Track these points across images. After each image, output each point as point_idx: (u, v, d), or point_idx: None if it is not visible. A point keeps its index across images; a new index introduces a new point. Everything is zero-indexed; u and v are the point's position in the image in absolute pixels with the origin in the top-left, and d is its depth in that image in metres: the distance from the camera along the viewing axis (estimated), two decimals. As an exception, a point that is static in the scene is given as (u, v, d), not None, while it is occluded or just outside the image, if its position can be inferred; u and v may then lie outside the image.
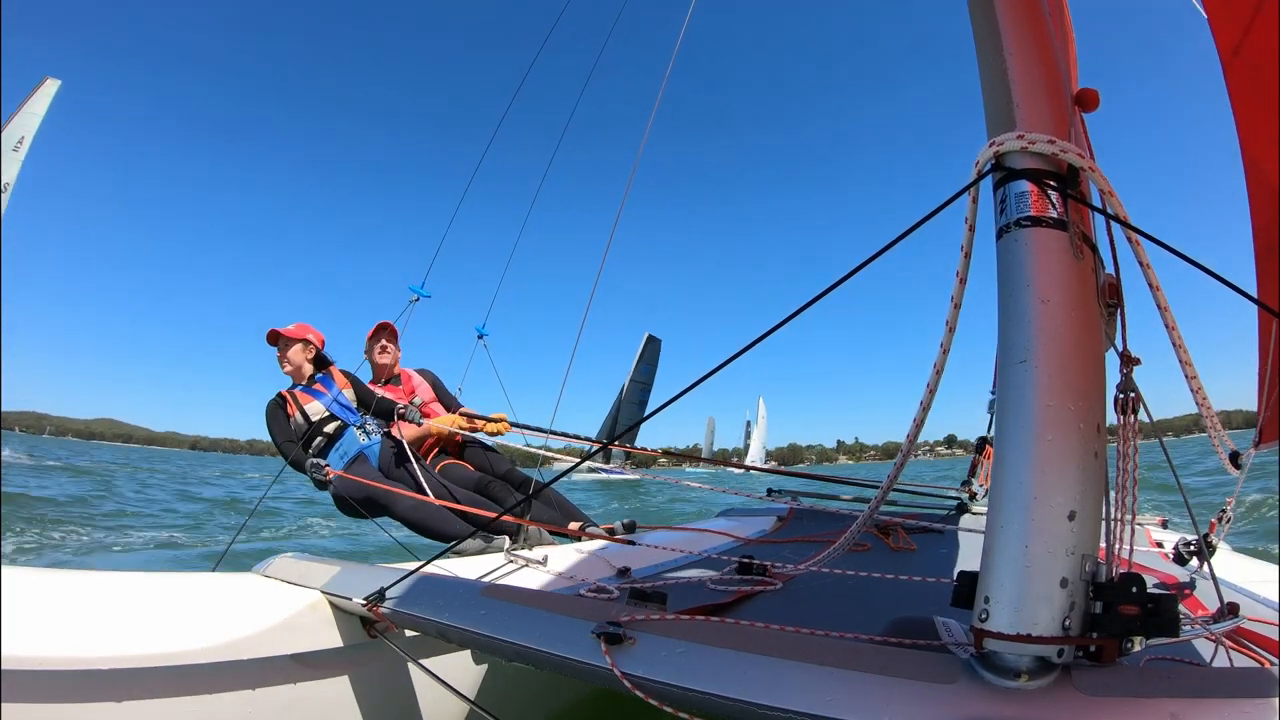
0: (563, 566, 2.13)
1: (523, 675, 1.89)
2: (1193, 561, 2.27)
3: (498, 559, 2.20)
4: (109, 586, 1.39)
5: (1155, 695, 0.73)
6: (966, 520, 3.49)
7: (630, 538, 2.69)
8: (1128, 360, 1.02)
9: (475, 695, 1.48)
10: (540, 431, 3.16)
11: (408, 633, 1.60)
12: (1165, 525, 3.78)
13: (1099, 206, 0.96)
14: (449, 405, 3.46)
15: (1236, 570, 2.36)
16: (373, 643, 1.58)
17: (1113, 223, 0.99)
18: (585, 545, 2.55)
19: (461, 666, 1.77)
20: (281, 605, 1.50)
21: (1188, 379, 1.04)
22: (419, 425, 3.03)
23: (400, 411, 3.01)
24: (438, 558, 1.94)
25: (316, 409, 2.91)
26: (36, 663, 1.15)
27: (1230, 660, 1.21)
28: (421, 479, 2.80)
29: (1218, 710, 0.70)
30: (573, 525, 2.91)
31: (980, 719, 0.75)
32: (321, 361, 3.08)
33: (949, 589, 0.87)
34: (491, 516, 2.44)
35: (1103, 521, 0.85)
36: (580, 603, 1.25)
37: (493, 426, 3.24)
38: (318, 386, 2.98)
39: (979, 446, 4.29)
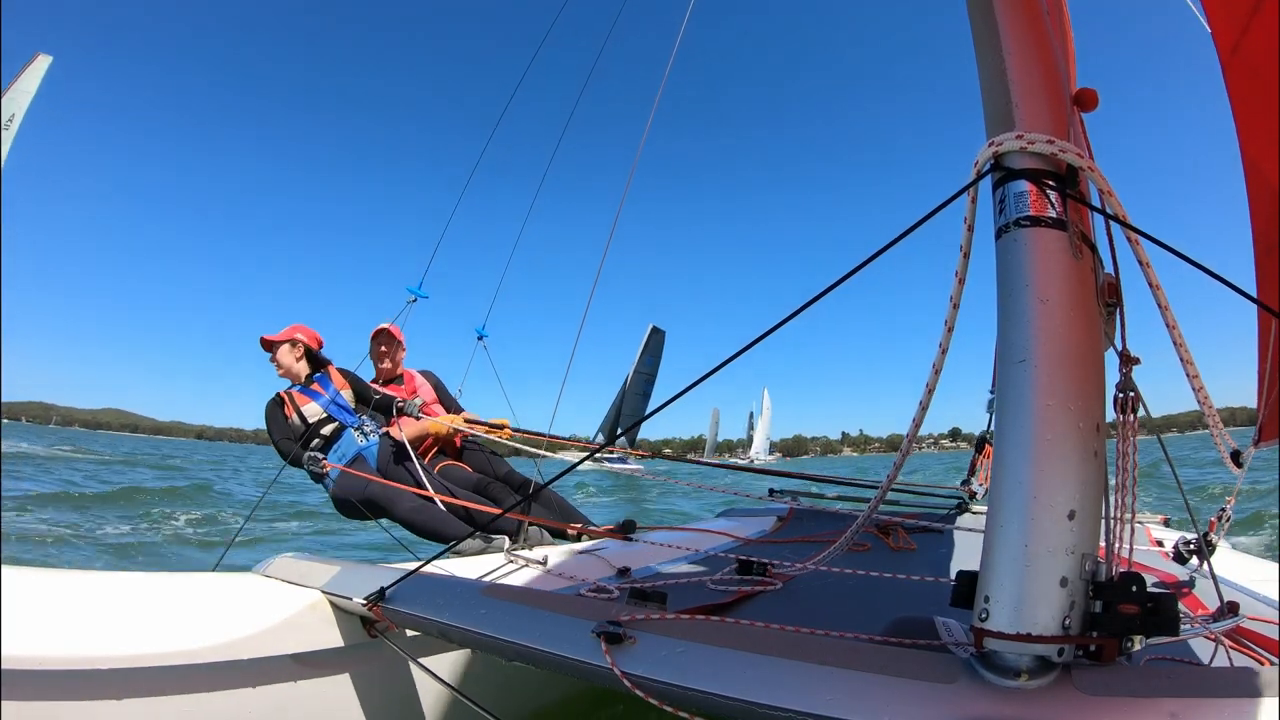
0: (563, 566, 2.13)
1: (523, 675, 1.89)
2: (1193, 560, 2.27)
3: (498, 559, 2.20)
4: (109, 586, 1.39)
5: (1155, 694, 0.73)
6: (966, 520, 3.50)
7: (630, 538, 2.69)
8: (1127, 360, 1.02)
9: (475, 695, 1.48)
10: (541, 437, 3.17)
11: (408, 632, 1.60)
12: (1168, 524, 3.78)
13: (1098, 206, 0.96)
14: (450, 408, 3.46)
15: (1237, 569, 2.36)
16: (373, 642, 1.58)
17: (1112, 222, 0.99)
18: (585, 545, 2.55)
19: (462, 666, 1.77)
20: (282, 605, 1.50)
21: (1189, 378, 1.04)
22: (418, 419, 3.02)
23: (399, 405, 3.00)
24: (437, 558, 1.94)
25: (314, 410, 2.90)
26: (36, 662, 1.15)
27: (1230, 659, 1.21)
28: (422, 477, 2.79)
29: (1218, 710, 0.70)
30: (572, 525, 2.91)
31: (980, 718, 0.75)
32: (319, 361, 3.07)
33: (949, 589, 0.87)
34: (493, 514, 2.44)
35: (1102, 520, 0.85)
36: (580, 602, 1.25)
37: (494, 434, 3.24)
38: (315, 387, 2.97)
39: (979, 446, 4.30)
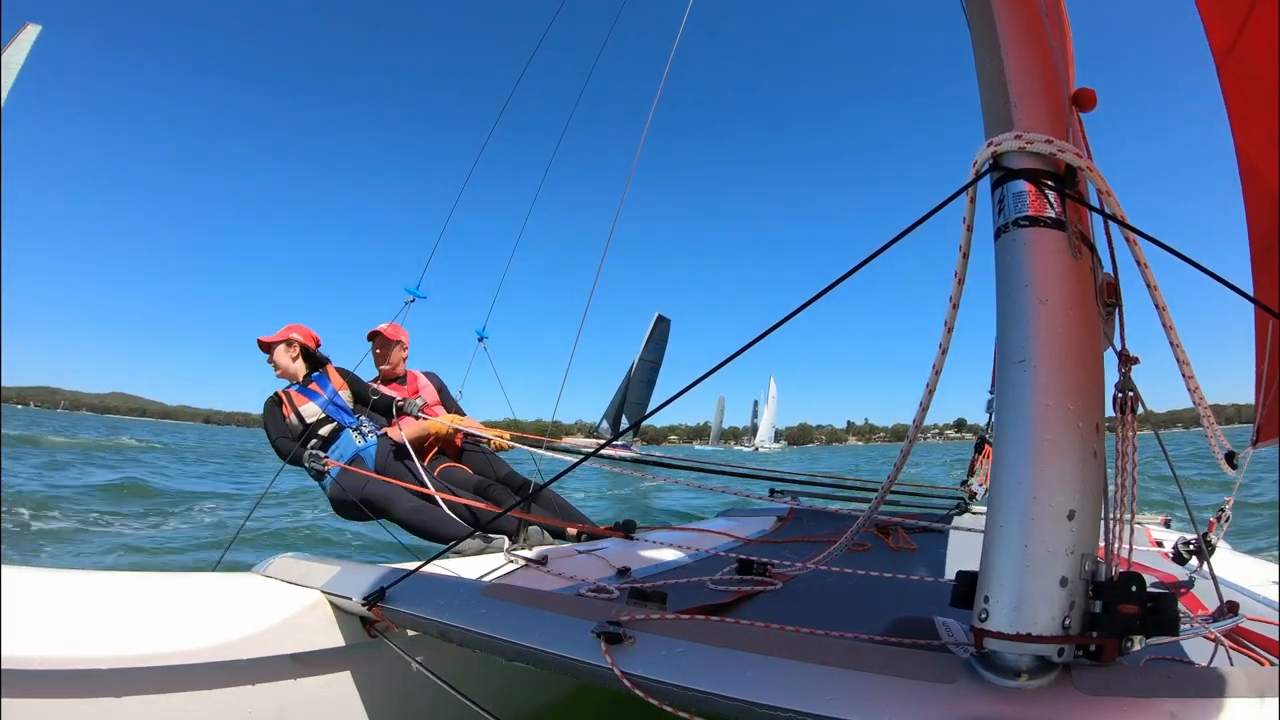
0: (562, 566, 2.13)
1: (523, 675, 1.89)
2: (1192, 561, 2.28)
3: (497, 559, 2.20)
4: (109, 586, 1.39)
5: (1155, 694, 0.73)
6: (966, 520, 3.50)
7: (630, 538, 2.69)
8: (1126, 359, 1.02)
9: (475, 695, 1.48)
10: (541, 439, 3.18)
11: (408, 632, 1.60)
12: (1168, 524, 3.78)
13: (1097, 206, 0.96)
14: (451, 410, 3.46)
15: (1236, 569, 2.36)
16: (373, 642, 1.58)
17: (1110, 222, 0.99)
18: (585, 545, 2.55)
19: (461, 666, 1.76)
20: (282, 605, 1.50)
21: (1185, 378, 1.04)
22: (418, 419, 3.02)
23: (399, 404, 3.00)
24: (437, 557, 1.94)
25: (312, 410, 2.89)
26: (36, 662, 1.15)
27: (1230, 660, 1.21)
28: (421, 476, 2.79)
29: (1218, 710, 0.70)
30: (572, 526, 2.91)
31: (980, 718, 0.75)
32: (317, 360, 3.06)
33: (949, 589, 0.87)
34: (493, 513, 2.44)
35: (1102, 520, 0.85)
36: (580, 602, 1.25)
37: (495, 444, 3.24)
38: (313, 386, 2.96)
39: (978, 446, 4.30)
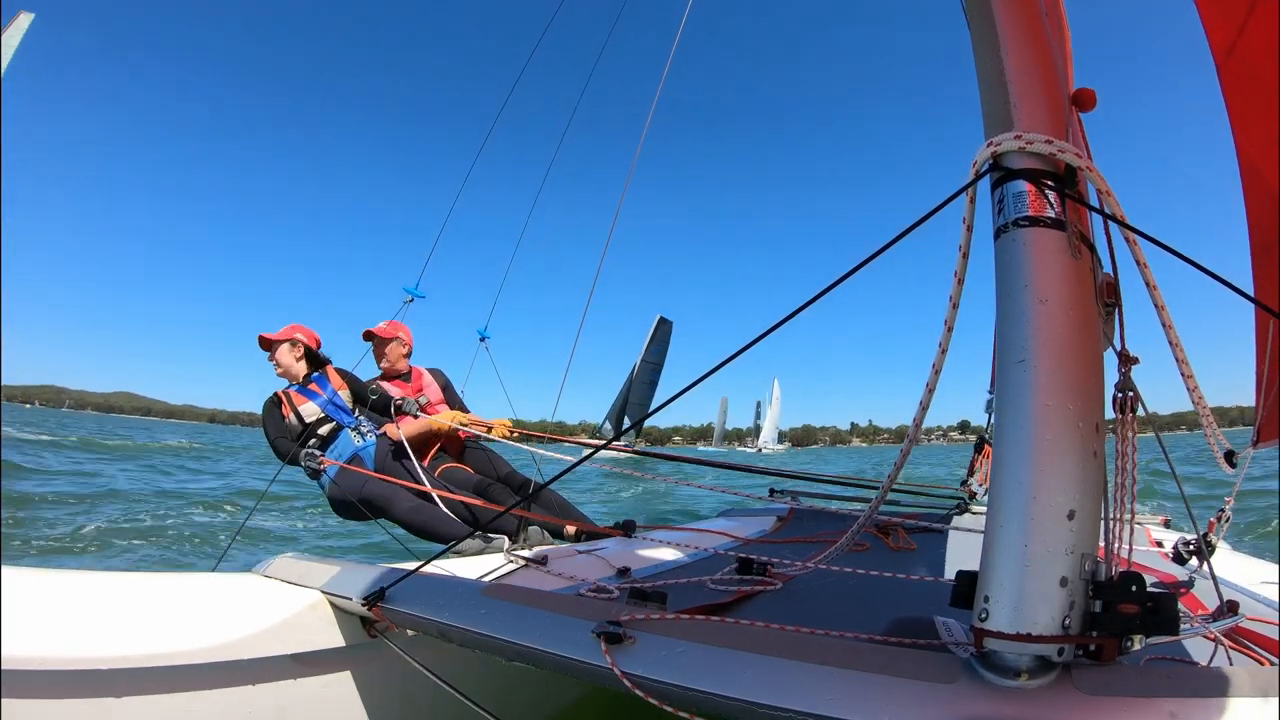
0: (562, 566, 2.13)
1: (523, 675, 1.89)
2: (1192, 560, 2.28)
3: (497, 559, 2.20)
4: (109, 586, 1.39)
5: (1155, 694, 0.73)
6: (966, 520, 3.50)
7: (630, 537, 2.69)
8: (1126, 359, 1.02)
9: (475, 695, 1.48)
10: (543, 437, 3.17)
11: (408, 632, 1.60)
12: (1168, 525, 3.78)
13: (1096, 206, 0.96)
14: (455, 408, 3.46)
15: (1236, 569, 2.36)
16: (373, 642, 1.58)
17: (1110, 222, 0.99)
18: (585, 545, 2.55)
19: (461, 666, 1.77)
20: (281, 605, 1.50)
21: (1184, 378, 1.04)
22: (416, 418, 3.02)
23: (398, 404, 3.00)
24: (437, 558, 1.94)
25: (311, 410, 2.89)
26: (36, 662, 1.15)
27: (1230, 660, 1.21)
28: (420, 475, 2.79)
29: (1218, 710, 0.70)
30: (572, 526, 2.91)
31: (980, 718, 0.75)
32: (317, 360, 3.06)
33: (949, 589, 0.87)
34: (494, 512, 2.44)
35: (1102, 520, 0.85)
36: (580, 602, 1.25)
37: (494, 434, 3.24)
38: (312, 387, 2.97)
39: (978, 446, 4.31)
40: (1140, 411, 1.03)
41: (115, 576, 1.46)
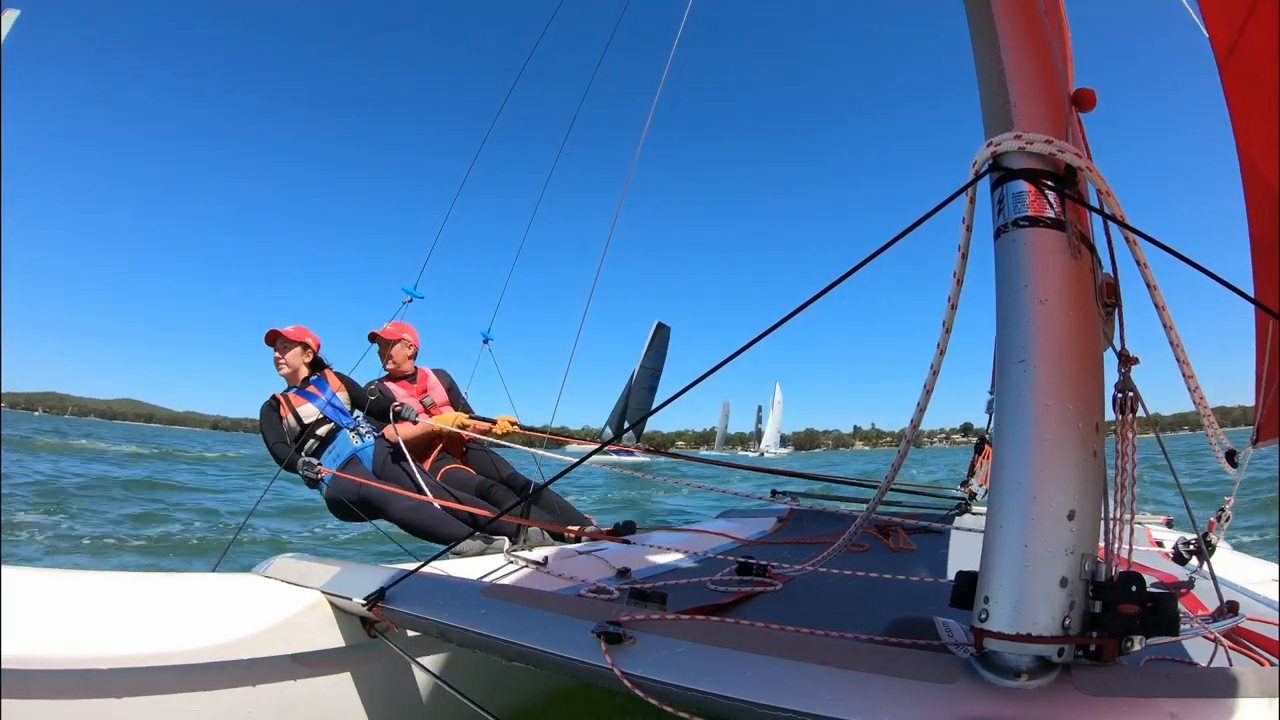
0: (563, 567, 2.13)
1: (523, 675, 1.89)
2: (1192, 560, 2.27)
3: (497, 560, 2.20)
4: (109, 586, 1.39)
5: (1155, 694, 0.73)
6: (966, 520, 3.50)
7: (630, 538, 2.69)
8: (1126, 359, 1.02)
9: (475, 695, 1.48)
10: (545, 434, 3.17)
11: (408, 633, 1.60)
12: (1170, 524, 3.77)
13: (1096, 206, 0.96)
14: (459, 409, 3.46)
15: (1236, 569, 2.36)
16: (373, 642, 1.58)
17: (1110, 222, 0.99)
18: (585, 546, 2.55)
19: (462, 666, 1.77)
20: (281, 605, 1.50)
21: (1185, 378, 1.04)
22: (415, 423, 3.02)
23: (396, 409, 3.00)
24: (437, 558, 1.94)
25: (310, 411, 2.89)
26: (36, 662, 1.15)
27: (1230, 660, 1.21)
28: (418, 477, 2.79)
29: (1218, 710, 0.70)
30: (572, 527, 2.91)
31: (980, 718, 0.75)
32: (317, 364, 3.07)
33: (949, 589, 0.87)
34: (490, 516, 2.44)
35: (1102, 520, 0.85)
36: (580, 603, 1.25)
37: (497, 430, 3.24)
38: (311, 389, 2.97)
39: (978, 446, 4.30)
40: (1140, 412, 1.03)
41: (115, 576, 1.46)
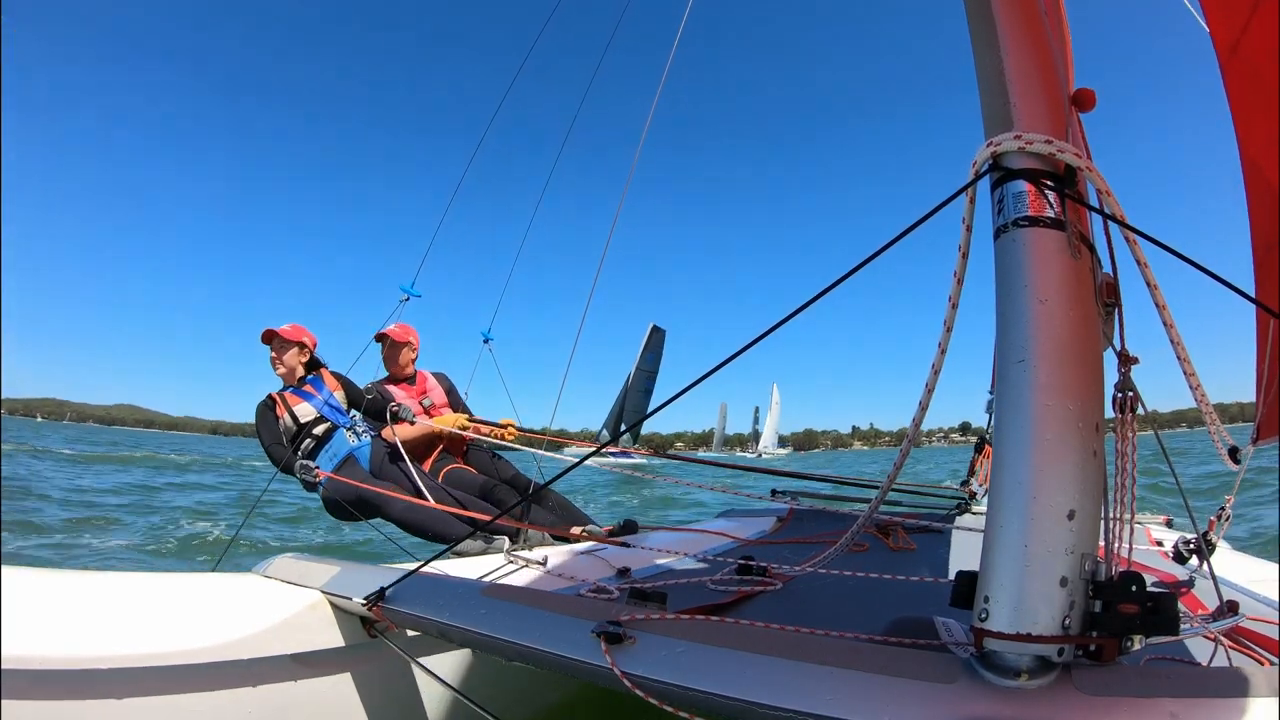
0: (563, 567, 2.13)
1: (523, 675, 1.89)
2: (1192, 560, 2.27)
3: (498, 559, 2.20)
4: (109, 586, 1.39)
5: (1155, 694, 0.73)
6: (966, 520, 3.50)
7: (630, 539, 2.69)
8: (1126, 359, 1.02)
9: (476, 695, 1.48)
10: (544, 436, 3.18)
11: (408, 632, 1.60)
12: (1170, 524, 3.76)
13: (1096, 206, 0.96)
14: (459, 411, 3.46)
15: (1237, 569, 2.36)
16: (373, 642, 1.58)
17: (1110, 222, 0.99)
18: (585, 546, 2.55)
19: (462, 666, 1.77)
20: (281, 605, 1.50)
21: (1186, 376, 1.04)
22: (413, 424, 3.02)
23: (393, 410, 3.00)
24: (437, 558, 1.94)
25: (306, 411, 2.89)
26: (37, 662, 1.15)
27: (1230, 660, 1.21)
28: (416, 477, 2.79)
29: (1218, 710, 0.70)
30: (571, 533, 2.91)
31: (980, 718, 0.75)
32: (313, 364, 3.06)
33: (949, 589, 0.87)
34: (487, 519, 2.44)
35: (1102, 520, 0.85)
36: (580, 602, 1.25)
37: (500, 434, 3.24)
38: (308, 388, 2.96)
39: (978, 446, 4.30)
40: (1140, 411, 1.03)
41: (115, 576, 1.46)
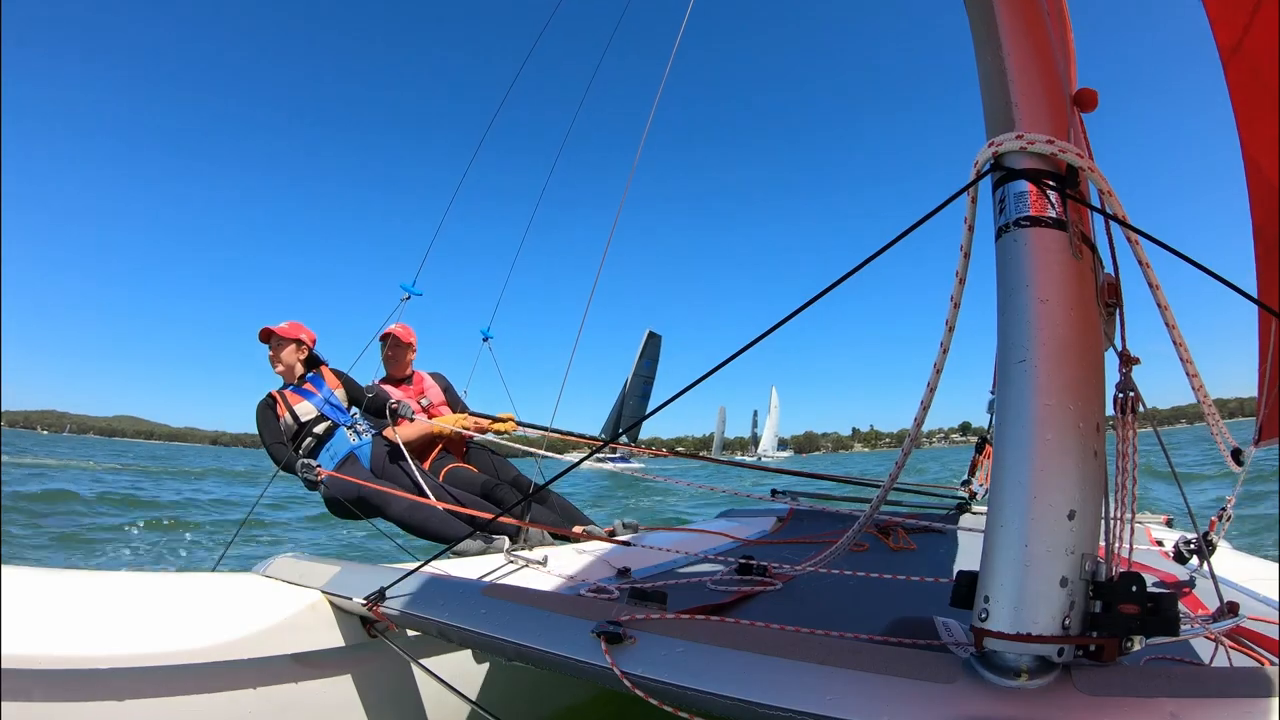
0: (563, 567, 2.13)
1: (523, 675, 1.89)
2: (1193, 560, 2.27)
3: (498, 559, 2.20)
4: (109, 586, 1.39)
5: (1155, 694, 0.73)
6: (966, 520, 3.49)
7: (630, 538, 2.69)
8: (1127, 359, 1.02)
9: (476, 695, 1.49)
10: (545, 430, 3.18)
11: (408, 632, 1.60)
12: (1170, 524, 3.76)
13: (1098, 206, 0.96)
14: (456, 410, 3.46)
15: (1237, 569, 2.35)
16: (373, 642, 1.58)
17: (1111, 222, 0.99)
18: (585, 546, 2.55)
19: (462, 666, 1.77)
20: (282, 605, 1.50)
21: (1189, 376, 1.04)
22: (412, 420, 3.03)
23: (393, 407, 3.00)
24: (437, 557, 1.94)
25: (306, 409, 2.88)
26: (37, 662, 1.15)
27: (1230, 660, 1.21)
28: (417, 477, 2.79)
29: (1217, 710, 0.70)
30: (572, 533, 2.91)
31: (980, 718, 0.75)
32: (313, 361, 3.05)
33: (949, 589, 0.87)
34: (488, 518, 2.44)
35: (1102, 520, 0.85)
36: (580, 602, 1.25)
37: (500, 426, 3.25)
38: (308, 386, 2.95)
39: (979, 446, 4.30)
40: (1141, 410, 1.03)
41: (115, 576, 1.46)
